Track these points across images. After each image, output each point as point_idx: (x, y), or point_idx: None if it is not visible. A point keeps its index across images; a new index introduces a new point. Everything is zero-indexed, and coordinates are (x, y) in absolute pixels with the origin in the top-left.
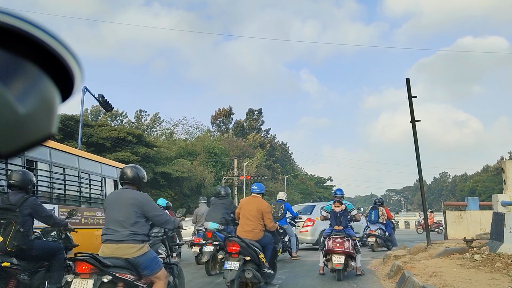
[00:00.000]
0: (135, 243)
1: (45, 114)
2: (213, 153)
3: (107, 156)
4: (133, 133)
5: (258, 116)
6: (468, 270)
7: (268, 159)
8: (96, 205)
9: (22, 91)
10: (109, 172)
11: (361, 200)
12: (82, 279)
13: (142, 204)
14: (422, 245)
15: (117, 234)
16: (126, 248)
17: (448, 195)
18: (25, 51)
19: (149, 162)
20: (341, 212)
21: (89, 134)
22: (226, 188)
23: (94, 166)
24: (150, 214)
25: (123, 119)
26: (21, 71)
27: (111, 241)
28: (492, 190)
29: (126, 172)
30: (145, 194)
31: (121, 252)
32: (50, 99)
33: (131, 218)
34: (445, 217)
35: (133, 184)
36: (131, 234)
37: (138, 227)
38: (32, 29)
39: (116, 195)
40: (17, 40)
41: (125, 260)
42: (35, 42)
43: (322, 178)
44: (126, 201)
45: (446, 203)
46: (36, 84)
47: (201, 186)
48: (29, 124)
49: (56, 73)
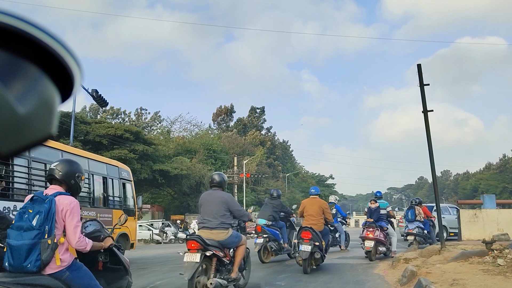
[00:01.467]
0: (223, 229)
1: (45, 114)
2: (212, 151)
3: (104, 154)
4: (130, 130)
5: (260, 114)
6: (493, 277)
7: (268, 157)
8: (82, 204)
9: (22, 92)
10: (98, 169)
11: (362, 199)
12: (191, 253)
13: (228, 201)
14: (435, 247)
15: (210, 223)
16: (218, 233)
17: (450, 193)
18: (25, 52)
19: (147, 160)
20: (374, 209)
21: (86, 132)
22: (278, 190)
23: (80, 162)
24: (233, 209)
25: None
26: (21, 71)
27: (206, 228)
28: (495, 188)
29: (214, 177)
30: (229, 194)
31: (214, 236)
32: (50, 99)
33: (220, 211)
34: (459, 216)
35: (220, 186)
36: (221, 223)
37: (225, 218)
38: (32, 30)
39: (208, 195)
40: (17, 40)
41: (217, 241)
42: (35, 42)
43: (323, 176)
44: (216, 199)
45: (459, 201)
46: (36, 85)
47: (200, 184)
48: (29, 124)
49: (55, 74)
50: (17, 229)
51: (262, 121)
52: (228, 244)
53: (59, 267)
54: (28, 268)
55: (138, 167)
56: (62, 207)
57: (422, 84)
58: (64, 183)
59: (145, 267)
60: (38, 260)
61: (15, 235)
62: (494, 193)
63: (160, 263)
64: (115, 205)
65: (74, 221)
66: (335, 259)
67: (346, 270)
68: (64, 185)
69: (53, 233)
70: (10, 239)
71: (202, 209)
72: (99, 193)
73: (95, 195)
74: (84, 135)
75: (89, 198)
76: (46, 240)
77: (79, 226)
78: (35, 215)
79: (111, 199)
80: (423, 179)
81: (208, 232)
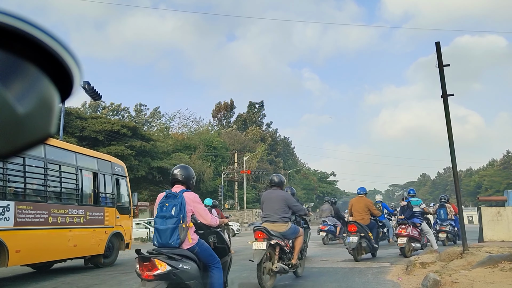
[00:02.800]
0: (284, 222)
1: (44, 114)
2: (212, 147)
3: (100, 150)
4: (127, 126)
5: (259, 109)
6: None
7: (270, 153)
8: (68, 202)
9: (21, 91)
10: (87, 164)
11: None
12: (259, 242)
13: (286, 199)
14: (456, 250)
15: (272, 217)
16: (279, 226)
17: (453, 190)
18: (25, 52)
19: (145, 156)
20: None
21: (82, 127)
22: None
23: (66, 155)
24: (291, 205)
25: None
26: (20, 71)
27: (269, 221)
28: (499, 185)
29: (274, 179)
30: (287, 193)
31: (276, 228)
32: (49, 99)
33: (280, 207)
34: (480, 214)
35: (279, 186)
36: (281, 217)
37: (285, 213)
38: (31, 30)
39: (270, 193)
40: (16, 40)
41: (279, 233)
42: (34, 42)
43: (325, 173)
44: (277, 197)
45: (480, 198)
46: (35, 84)
47: (200, 181)
48: (28, 124)
49: (55, 73)
50: (161, 217)
51: (262, 116)
52: (288, 235)
53: (191, 243)
54: (172, 244)
55: (136, 163)
56: (188, 200)
57: (441, 65)
58: (184, 183)
59: None
60: (178, 239)
61: (160, 222)
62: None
63: None
64: (107, 203)
65: (202, 206)
66: (340, 262)
67: (354, 276)
68: (184, 185)
69: (185, 219)
70: (157, 225)
71: (264, 205)
72: (88, 189)
73: (84, 192)
74: (80, 131)
75: (77, 195)
76: (181, 224)
77: (206, 209)
78: (173, 207)
79: (102, 196)
80: (426, 175)
81: (271, 225)
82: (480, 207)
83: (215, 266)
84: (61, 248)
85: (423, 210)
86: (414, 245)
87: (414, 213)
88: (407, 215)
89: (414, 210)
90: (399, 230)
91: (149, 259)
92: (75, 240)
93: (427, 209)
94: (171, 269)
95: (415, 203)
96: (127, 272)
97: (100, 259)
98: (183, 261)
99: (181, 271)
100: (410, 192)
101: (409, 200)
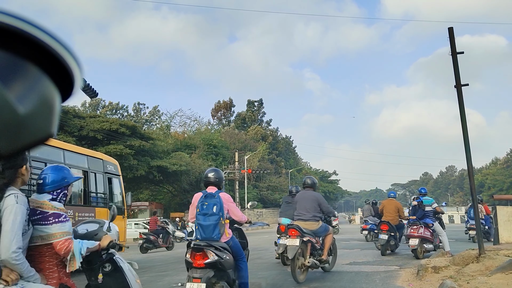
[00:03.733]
0: (315, 221)
1: (45, 114)
2: (212, 146)
3: (99, 149)
4: (126, 125)
5: (259, 107)
6: None
7: (271, 152)
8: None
9: (22, 92)
10: (76, 162)
11: (366, 195)
12: (292, 238)
13: (318, 200)
14: (472, 253)
15: (304, 215)
16: (311, 224)
17: (455, 188)
18: (25, 52)
19: (144, 155)
20: (417, 206)
21: (80, 126)
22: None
23: (53, 153)
24: (322, 206)
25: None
26: (21, 71)
27: (301, 220)
28: (503, 184)
29: (307, 181)
30: (319, 194)
31: (308, 226)
32: (50, 99)
33: (312, 207)
34: (495, 214)
35: (311, 187)
36: (313, 216)
37: (316, 212)
38: (32, 30)
39: (303, 194)
40: (17, 40)
41: (310, 230)
42: (35, 42)
43: (327, 172)
44: (309, 197)
45: (496, 197)
46: (36, 85)
47: (200, 180)
48: (29, 124)
49: (56, 73)
50: (203, 215)
51: (262, 115)
52: (319, 233)
53: (227, 238)
54: (214, 238)
55: (135, 163)
56: (224, 199)
57: (455, 52)
58: (217, 185)
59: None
60: (219, 233)
61: (203, 218)
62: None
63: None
64: (98, 203)
65: (235, 205)
66: (345, 266)
67: (361, 281)
68: (217, 186)
69: (224, 216)
70: (200, 221)
71: (298, 205)
72: (77, 189)
73: (73, 191)
74: (78, 130)
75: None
76: (221, 221)
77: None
78: (213, 206)
79: (93, 195)
80: (428, 174)
81: (303, 223)
82: (495, 206)
83: (242, 260)
84: None
85: (435, 209)
86: (427, 246)
87: (426, 213)
88: (419, 215)
89: (426, 209)
90: (411, 231)
91: (202, 249)
92: None
93: (439, 209)
94: (218, 259)
95: (427, 202)
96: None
97: None
98: (225, 252)
99: (225, 260)
100: (422, 191)
101: (421, 200)
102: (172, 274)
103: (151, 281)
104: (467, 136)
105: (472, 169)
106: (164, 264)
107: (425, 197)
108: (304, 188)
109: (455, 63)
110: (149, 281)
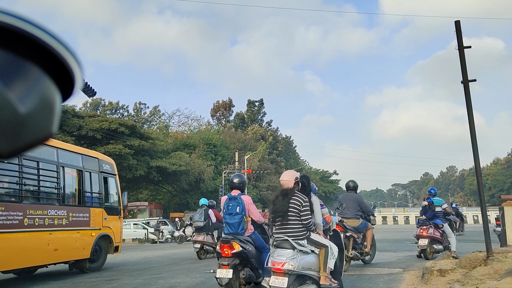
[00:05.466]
0: (356, 219)
1: (46, 114)
2: (212, 145)
3: (98, 149)
4: (125, 124)
5: (259, 107)
6: None
7: (271, 152)
8: (48, 202)
9: (23, 91)
10: (70, 160)
11: (367, 195)
12: None
13: (359, 200)
14: (479, 255)
15: (347, 214)
16: (353, 221)
17: (456, 189)
18: (26, 51)
19: (143, 155)
20: (427, 206)
21: (79, 126)
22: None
23: (46, 151)
24: (362, 205)
25: (124, 113)
26: (22, 71)
27: (345, 217)
28: (503, 184)
29: (349, 184)
30: (360, 195)
31: (350, 223)
32: (51, 99)
33: (354, 206)
34: (503, 214)
35: (353, 189)
36: (355, 215)
37: (357, 211)
38: (33, 29)
39: (346, 195)
40: (18, 40)
41: (352, 227)
42: (36, 42)
43: (327, 172)
44: (352, 198)
45: (503, 197)
46: (37, 84)
47: (200, 180)
48: (30, 124)
49: (56, 73)
50: (229, 214)
51: (262, 115)
52: (360, 229)
53: (250, 232)
54: (239, 233)
55: (134, 163)
56: (245, 201)
57: (462, 47)
58: (240, 188)
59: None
60: (243, 229)
61: (229, 217)
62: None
63: (168, 264)
64: (93, 203)
65: (254, 207)
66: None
67: (364, 284)
68: (240, 189)
69: (246, 215)
70: (227, 220)
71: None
72: (71, 188)
73: (66, 191)
74: (77, 129)
75: (58, 194)
76: (244, 219)
77: (257, 210)
78: (237, 206)
79: (88, 195)
80: (428, 174)
81: (346, 220)
82: (503, 206)
83: (264, 251)
84: (39, 252)
85: (445, 210)
86: (436, 247)
87: (436, 214)
88: (429, 216)
89: (436, 210)
90: (420, 231)
91: (229, 242)
92: (56, 244)
93: (449, 209)
94: (242, 249)
95: (437, 202)
96: (113, 278)
97: (86, 263)
98: (248, 244)
99: (248, 251)
100: (431, 191)
101: (432, 200)
102: (167, 277)
103: (145, 284)
104: (474, 133)
105: (480, 167)
106: (160, 266)
107: (435, 197)
108: (347, 191)
109: (462, 57)
110: (143, 284)
